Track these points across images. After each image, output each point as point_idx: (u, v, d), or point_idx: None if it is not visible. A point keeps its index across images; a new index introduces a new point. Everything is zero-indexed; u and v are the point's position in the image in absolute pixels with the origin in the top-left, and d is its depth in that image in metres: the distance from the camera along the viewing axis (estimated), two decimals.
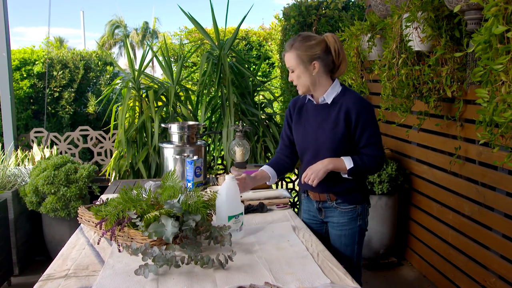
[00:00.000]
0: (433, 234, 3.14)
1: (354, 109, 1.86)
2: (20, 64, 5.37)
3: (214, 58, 3.81)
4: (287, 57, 1.91)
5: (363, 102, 1.90)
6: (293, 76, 1.92)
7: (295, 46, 1.88)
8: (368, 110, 1.89)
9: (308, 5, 4.28)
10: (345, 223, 2.00)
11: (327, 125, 1.92)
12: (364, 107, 1.88)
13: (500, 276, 2.45)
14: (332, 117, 1.91)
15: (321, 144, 1.93)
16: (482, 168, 2.59)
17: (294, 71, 1.91)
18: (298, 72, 1.90)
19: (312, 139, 1.96)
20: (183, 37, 8.25)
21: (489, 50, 1.80)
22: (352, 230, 2.01)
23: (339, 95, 1.92)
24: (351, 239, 2.01)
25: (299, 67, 1.89)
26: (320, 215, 2.07)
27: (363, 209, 2.02)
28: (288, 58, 1.90)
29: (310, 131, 1.97)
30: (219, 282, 1.40)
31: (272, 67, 7.75)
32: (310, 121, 1.99)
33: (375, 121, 1.92)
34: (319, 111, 1.96)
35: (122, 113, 3.59)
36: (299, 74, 1.90)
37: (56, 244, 3.39)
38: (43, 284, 1.40)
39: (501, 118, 1.81)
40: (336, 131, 1.89)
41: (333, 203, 2.00)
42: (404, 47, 2.67)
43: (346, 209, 1.99)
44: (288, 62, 1.91)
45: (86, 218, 1.85)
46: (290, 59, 1.90)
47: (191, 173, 2.44)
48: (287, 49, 1.91)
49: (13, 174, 3.54)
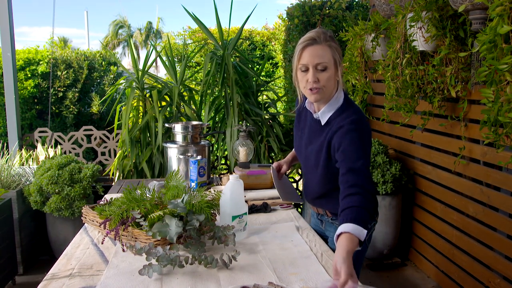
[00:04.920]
0: (437, 235, 3.13)
1: (338, 137, 1.58)
2: (24, 64, 5.39)
3: (218, 58, 3.82)
4: (322, 50, 1.55)
5: (353, 134, 1.55)
6: (323, 76, 1.57)
7: (330, 39, 1.57)
8: (352, 138, 1.55)
9: (312, 5, 4.28)
10: None
11: (315, 145, 1.72)
12: (352, 136, 1.55)
13: (505, 277, 2.44)
14: (320, 139, 1.69)
15: (308, 161, 1.78)
16: (486, 169, 2.58)
17: (327, 69, 1.56)
18: (330, 72, 1.57)
19: (303, 152, 1.82)
20: (187, 37, 8.26)
21: (494, 50, 1.79)
22: None
23: (335, 114, 1.64)
24: None
25: (333, 66, 1.58)
26: (322, 226, 1.98)
27: None
28: (323, 52, 1.55)
29: (303, 144, 1.82)
30: (223, 282, 1.39)
31: (276, 67, 7.75)
32: (305, 131, 1.81)
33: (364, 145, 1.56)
34: (314, 127, 1.74)
35: (126, 113, 3.60)
36: (331, 75, 1.58)
37: (60, 244, 3.41)
38: (47, 284, 1.41)
39: (506, 118, 1.81)
40: (319, 156, 1.69)
41: (329, 219, 1.89)
42: (408, 47, 2.66)
43: None
44: (320, 57, 1.55)
45: (90, 218, 1.85)
46: (325, 54, 1.55)
47: (195, 173, 2.44)
48: (318, 41, 1.56)
49: (17, 174, 3.55)
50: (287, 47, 4.61)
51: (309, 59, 1.56)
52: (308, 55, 1.56)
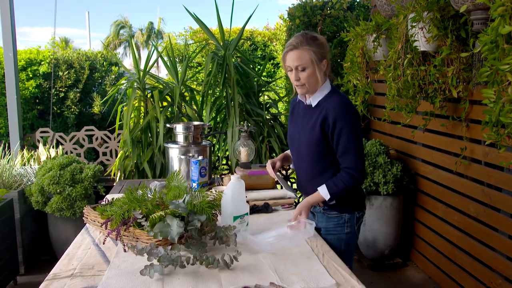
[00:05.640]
0: (438, 235, 3.13)
1: (332, 114, 1.82)
2: (26, 65, 5.39)
3: (219, 58, 3.82)
4: (298, 54, 1.82)
5: (343, 107, 1.83)
6: (303, 75, 1.84)
7: (307, 43, 1.82)
8: (347, 116, 1.82)
9: (313, 5, 4.28)
10: (331, 228, 1.95)
11: (307, 127, 1.91)
12: (342, 112, 1.82)
13: (507, 278, 2.43)
14: (312, 120, 1.89)
15: (301, 145, 1.96)
16: (488, 169, 2.58)
17: (306, 69, 1.83)
18: (310, 70, 1.84)
19: (296, 139, 2.00)
20: (188, 37, 8.26)
21: (496, 50, 1.79)
22: (338, 237, 1.94)
23: (324, 98, 1.89)
24: (337, 246, 1.91)
25: (312, 65, 1.83)
26: (314, 219, 2.03)
27: (352, 217, 1.95)
28: (300, 55, 1.82)
29: (296, 131, 2.00)
30: (224, 282, 1.40)
31: (277, 68, 7.75)
32: (298, 121, 2.00)
33: (356, 129, 1.85)
34: (306, 112, 1.96)
35: (127, 113, 3.60)
36: (311, 73, 1.84)
37: (62, 244, 3.41)
38: (49, 284, 1.41)
39: (507, 118, 1.81)
40: (312, 135, 1.88)
41: (321, 209, 1.97)
42: (409, 47, 2.66)
43: (332, 215, 1.94)
44: (298, 60, 1.82)
45: (91, 218, 1.85)
46: (302, 57, 1.82)
47: (196, 173, 2.45)
48: (297, 46, 1.83)
49: (19, 174, 3.55)
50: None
51: (290, 62, 1.86)
52: (290, 59, 1.86)
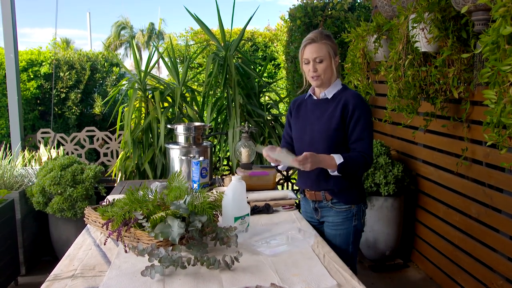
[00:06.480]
0: (439, 236, 3.13)
1: (352, 102, 1.96)
2: (27, 65, 5.41)
3: (220, 59, 3.82)
4: (317, 47, 1.96)
5: (362, 99, 2.00)
6: (320, 67, 1.97)
7: (325, 38, 1.98)
8: (365, 107, 1.97)
9: (314, 6, 4.28)
10: (339, 222, 2.03)
11: (323, 116, 2.01)
12: (362, 101, 1.98)
13: (508, 279, 2.43)
14: (329, 109, 2.00)
15: (316, 133, 2.01)
16: (489, 170, 2.58)
17: (323, 61, 1.97)
18: (326, 63, 1.98)
19: (309, 129, 2.05)
20: (189, 38, 8.28)
21: (497, 51, 1.79)
22: (347, 230, 2.03)
23: (339, 91, 2.04)
24: (345, 239, 2.04)
25: (329, 58, 1.98)
26: (316, 215, 2.11)
27: (359, 209, 2.04)
28: (319, 48, 1.96)
29: (308, 123, 2.06)
30: (225, 283, 1.40)
31: (278, 68, 7.75)
32: (308, 114, 2.08)
33: (370, 120, 2.00)
34: (319, 105, 2.06)
35: (128, 114, 3.60)
36: (327, 65, 1.98)
37: (63, 244, 3.41)
38: (50, 284, 1.41)
39: (509, 119, 1.80)
40: (331, 122, 1.97)
41: (329, 203, 2.04)
42: (410, 48, 2.66)
43: (341, 209, 2.02)
44: (317, 52, 1.96)
45: (92, 219, 1.85)
46: (320, 49, 1.96)
47: (197, 174, 2.45)
48: (315, 40, 1.97)
49: (20, 175, 3.56)
50: (289, 48, 4.60)
51: (309, 54, 1.99)
52: (308, 52, 1.99)
